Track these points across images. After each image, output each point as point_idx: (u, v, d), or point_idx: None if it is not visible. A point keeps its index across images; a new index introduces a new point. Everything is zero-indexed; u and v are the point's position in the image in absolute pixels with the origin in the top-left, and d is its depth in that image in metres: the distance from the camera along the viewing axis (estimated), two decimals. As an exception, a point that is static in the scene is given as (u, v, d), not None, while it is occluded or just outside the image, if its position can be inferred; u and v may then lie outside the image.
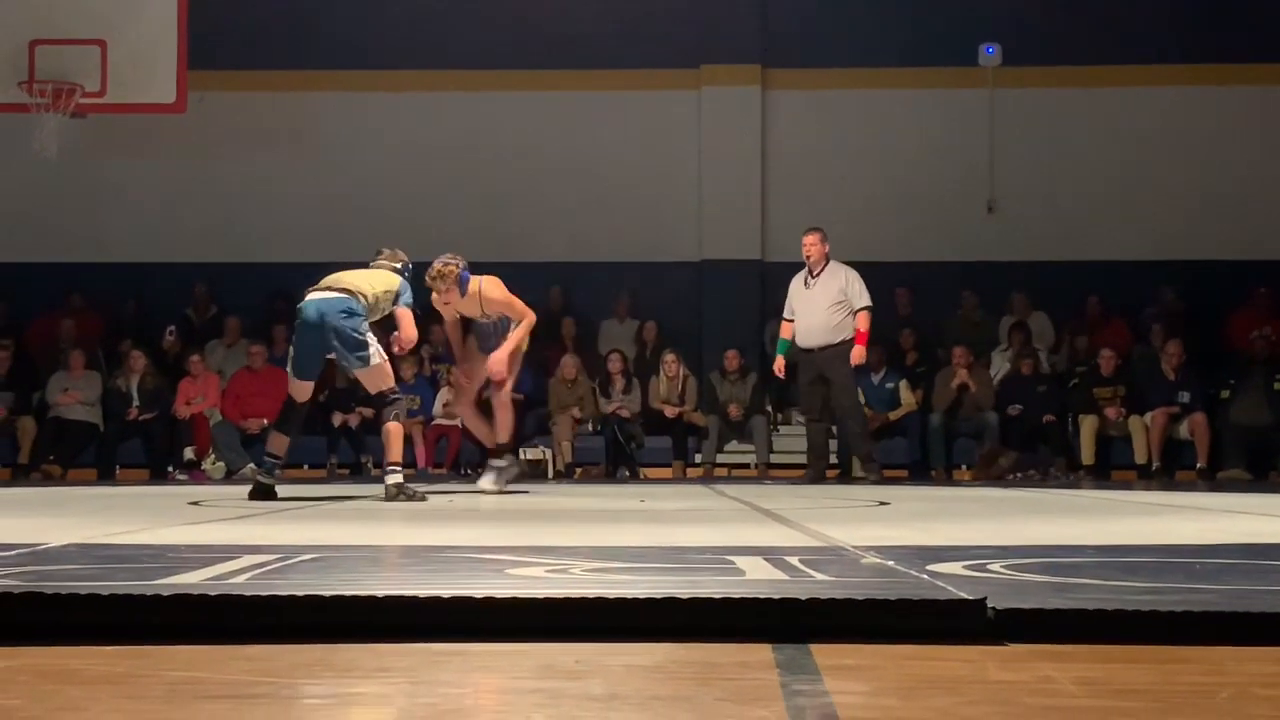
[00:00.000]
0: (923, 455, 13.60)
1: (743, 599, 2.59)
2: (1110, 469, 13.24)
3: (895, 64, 15.57)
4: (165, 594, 2.59)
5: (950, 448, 13.59)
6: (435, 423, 13.74)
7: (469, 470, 13.63)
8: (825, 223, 15.36)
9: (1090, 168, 15.52)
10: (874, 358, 14.12)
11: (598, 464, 13.86)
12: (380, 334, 7.80)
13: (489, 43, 15.67)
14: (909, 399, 13.83)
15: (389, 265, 8.07)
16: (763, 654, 2.31)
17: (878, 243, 15.28)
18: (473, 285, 8.54)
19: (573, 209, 15.65)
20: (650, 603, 2.59)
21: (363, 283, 7.66)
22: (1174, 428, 13.26)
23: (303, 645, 2.39)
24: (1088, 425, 13.36)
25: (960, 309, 15.01)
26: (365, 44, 15.67)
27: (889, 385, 13.93)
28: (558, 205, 15.66)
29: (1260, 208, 15.34)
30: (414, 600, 2.58)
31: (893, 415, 13.84)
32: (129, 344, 14.30)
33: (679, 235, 15.69)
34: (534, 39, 15.61)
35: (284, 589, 2.73)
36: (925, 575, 3.04)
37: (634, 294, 15.51)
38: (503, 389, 8.60)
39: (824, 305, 10.95)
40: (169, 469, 13.39)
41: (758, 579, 3.03)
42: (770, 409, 14.77)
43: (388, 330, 8.00)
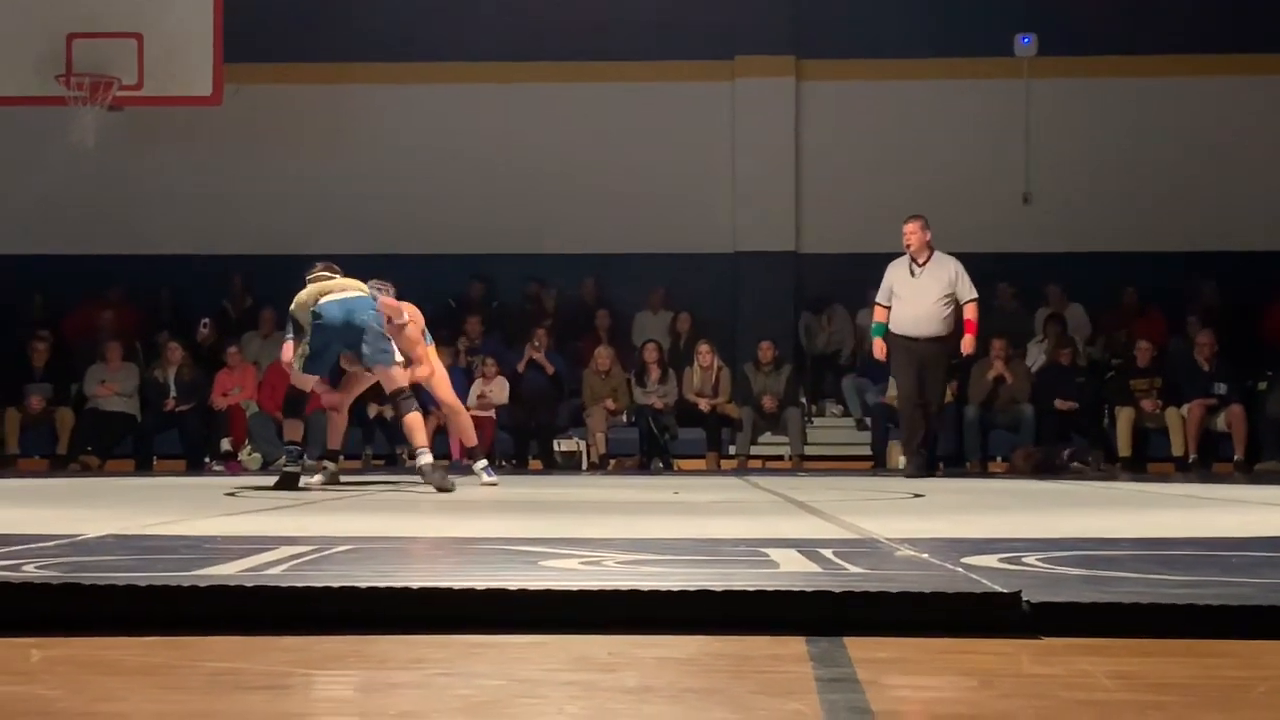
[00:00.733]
0: (958, 447, 13.55)
1: (776, 591, 2.59)
2: (1147, 461, 13.18)
3: (930, 55, 15.51)
4: (202, 585, 2.61)
5: (986, 440, 13.55)
6: (470, 411, 13.74)
7: (502, 461, 13.66)
8: (859, 214, 15.40)
9: (1127, 158, 15.43)
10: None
11: (632, 455, 13.87)
12: None
13: (523, 34, 15.68)
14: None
15: (334, 275, 8.06)
16: (796, 647, 2.31)
17: (912, 234, 15.22)
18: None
19: (607, 201, 15.65)
20: (684, 595, 2.59)
21: (360, 288, 7.88)
22: (1211, 420, 13.18)
23: (338, 636, 2.40)
24: (1124, 417, 13.29)
25: (996, 301, 14.95)
26: (399, 36, 15.69)
27: (924, 377, 13.88)
28: (592, 197, 15.66)
29: (1299, 198, 15.23)
30: (448, 592, 2.59)
31: (928, 407, 13.79)
32: (166, 336, 14.39)
33: (713, 227, 15.67)
34: (568, 31, 15.60)
35: (320, 580, 2.74)
36: (960, 568, 3.03)
37: (668, 285, 15.50)
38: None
39: (934, 296, 10.64)
40: (206, 460, 13.46)
41: (791, 571, 3.03)
42: (804, 400, 14.76)
43: None
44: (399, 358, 7.88)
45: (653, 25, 15.63)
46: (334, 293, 7.70)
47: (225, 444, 13.52)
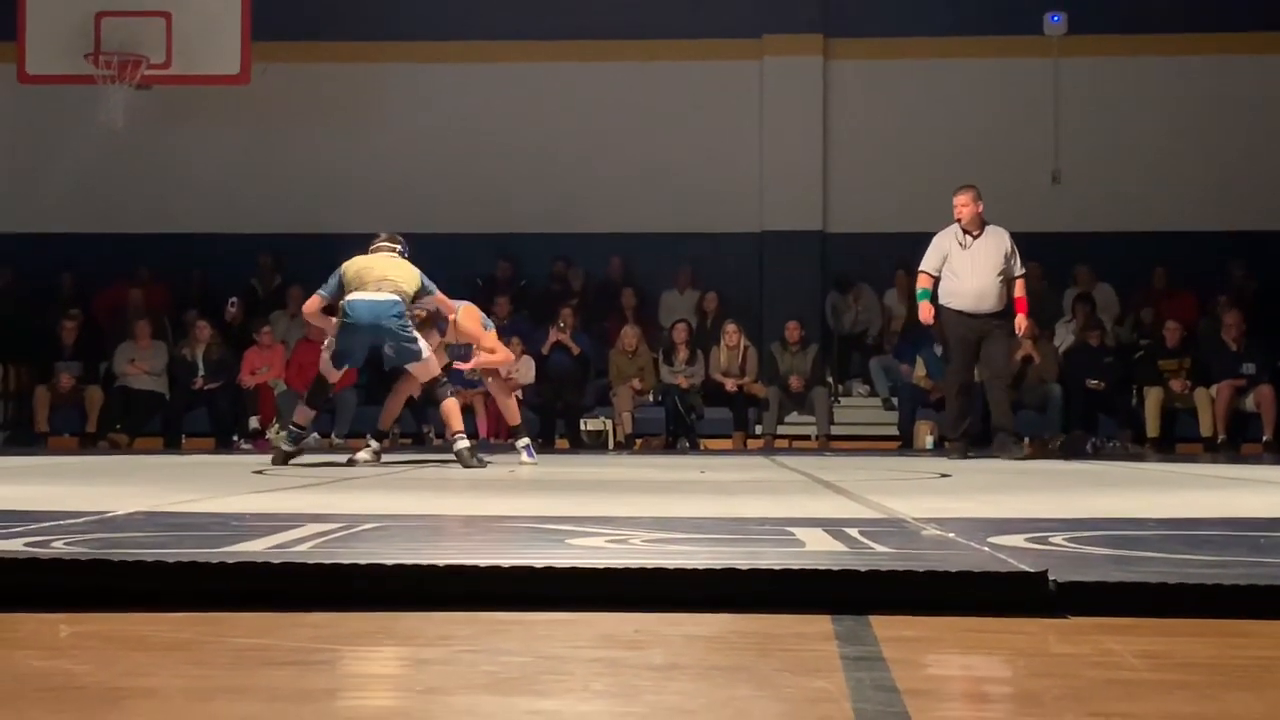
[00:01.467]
0: (984, 427, 13.50)
1: (802, 570, 2.59)
2: (1175, 442, 13.14)
3: (959, 33, 15.44)
4: (230, 562, 2.62)
5: (1014, 420, 13.48)
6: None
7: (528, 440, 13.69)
8: (886, 194, 15.36)
9: (1157, 138, 15.34)
10: (938, 329, 14.05)
11: (658, 435, 13.87)
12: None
13: (551, 13, 15.66)
14: (971, 371, 13.74)
15: (392, 249, 8.16)
16: (822, 625, 2.31)
17: (940, 214, 15.08)
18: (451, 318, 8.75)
19: (634, 180, 15.63)
20: (710, 573, 2.59)
21: (402, 281, 7.97)
22: (1240, 400, 13.13)
23: (365, 613, 2.42)
24: (1153, 398, 13.25)
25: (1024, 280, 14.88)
26: (427, 15, 15.69)
27: (951, 357, 13.85)
28: (619, 176, 15.65)
29: (1331, 178, 15.13)
30: (475, 569, 2.60)
31: (955, 387, 13.77)
32: (194, 314, 14.45)
33: (740, 206, 15.64)
34: (596, 10, 15.58)
35: (347, 557, 2.75)
36: (986, 548, 3.02)
37: (695, 265, 15.49)
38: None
39: (992, 269, 10.27)
40: (234, 438, 13.51)
41: (817, 550, 3.03)
42: (831, 380, 14.74)
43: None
44: (427, 351, 8.04)
45: (680, 4, 15.61)
46: (369, 288, 7.84)
47: (254, 422, 13.57)
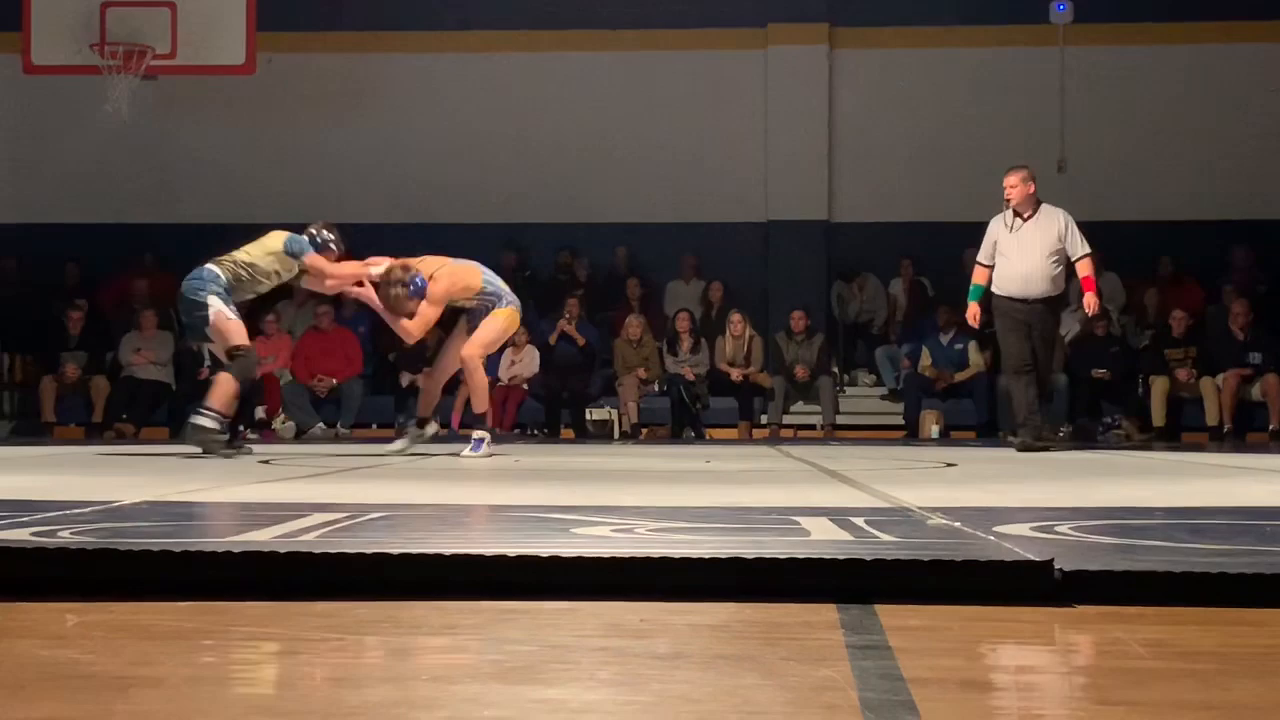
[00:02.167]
0: (990, 417, 13.52)
1: (807, 559, 2.59)
2: (1181, 431, 13.13)
3: (964, 22, 15.42)
4: (236, 551, 2.62)
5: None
6: (501, 385, 13.79)
7: (534, 430, 13.69)
8: (892, 183, 15.35)
9: (1162, 126, 15.31)
10: (943, 318, 14.06)
11: (663, 424, 13.88)
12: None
13: (556, 3, 15.64)
14: (977, 360, 13.75)
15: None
16: (827, 614, 2.31)
17: (945, 203, 15.17)
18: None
19: (638, 169, 15.63)
20: (715, 562, 2.59)
21: (242, 251, 8.67)
22: (1246, 389, 13.12)
23: (371, 602, 2.42)
24: (1159, 387, 13.24)
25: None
26: (431, 6, 15.68)
27: (958, 346, 13.88)
28: (624, 166, 15.64)
29: (1337, 166, 15.10)
30: (481, 558, 2.60)
31: (961, 376, 13.79)
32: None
33: (745, 195, 15.63)
34: (601, -1, 15.59)
35: (353, 546, 2.75)
36: (992, 537, 3.02)
37: (700, 254, 15.49)
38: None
39: (1043, 251, 9.61)
40: (240, 428, 13.50)
41: (823, 539, 3.03)
42: (836, 370, 14.74)
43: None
44: (214, 316, 8.27)
45: (686, -7, 15.59)
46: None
47: (259, 412, 13.57)
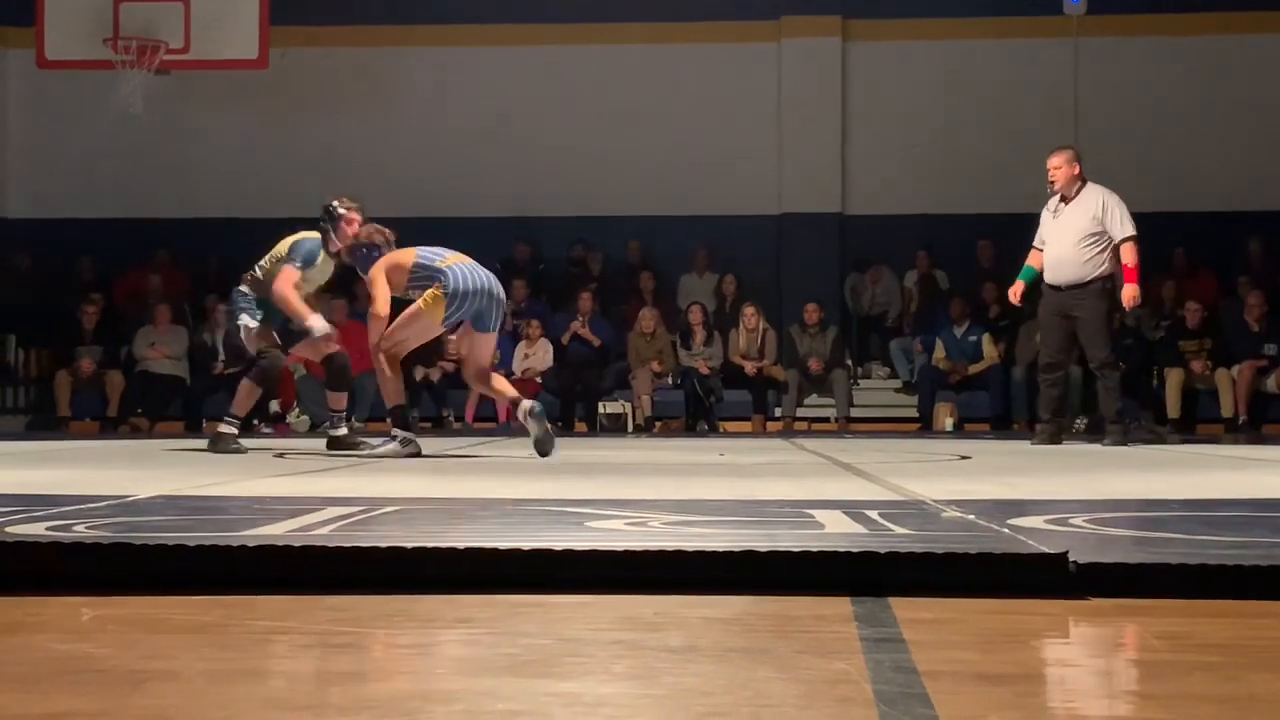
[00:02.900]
0: (1005, 409, 13.51)
1: (821, 552, 2.59)
2: (1196, 423, 13.10)
3: (978, 14, 15.39)
4: (251, 545, 2.63)
5: (1033, 401, 13.46)
6: (514, 378, 13.80)
7: (549, 425, 13.68)
8: (905, 176, 15.32)
9: (1177, 118, 15.27)
10: (957, 310, 14.04)
11: (677, 417, 13.88)
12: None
13: (568, -3, 15.66)
14: (991, 352, 13.74)
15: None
16: (841, 607, 2.31)
17: (959, 195, 15.16)
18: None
19: (652, 162, 15.62)
20: (729, 555, 2.59)
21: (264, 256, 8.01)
22: (1261, 381, 13.09)
23: (385, 596, 2.42)
24: (1173, 379, 13.21)
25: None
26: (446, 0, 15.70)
27: (972, 338, 13.87)
28: (637, 159, 15.64)
29: (1353, 157, 15.05)
30: (495, 552, 2.60)
31: (975, 368, 13.77)
32: (214, 299, 14.46)
33: (759, 188, 15.62)
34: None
35: (367, 540, 2.76)
36: (1006, 529, 3.02)
37: (713, 247, 15.48)
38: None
39: (1074, 235, 9.14)
40: (254, 422, 13.54)
41: (837, 533, 3.03)
42: (850, 363, 14.73)
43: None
44: (248, 327, 7.70)
45: (698, -14, 15.58)
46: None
47: (274, 406, 13.60)
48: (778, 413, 13.99)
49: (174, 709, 1.67)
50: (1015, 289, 9.58)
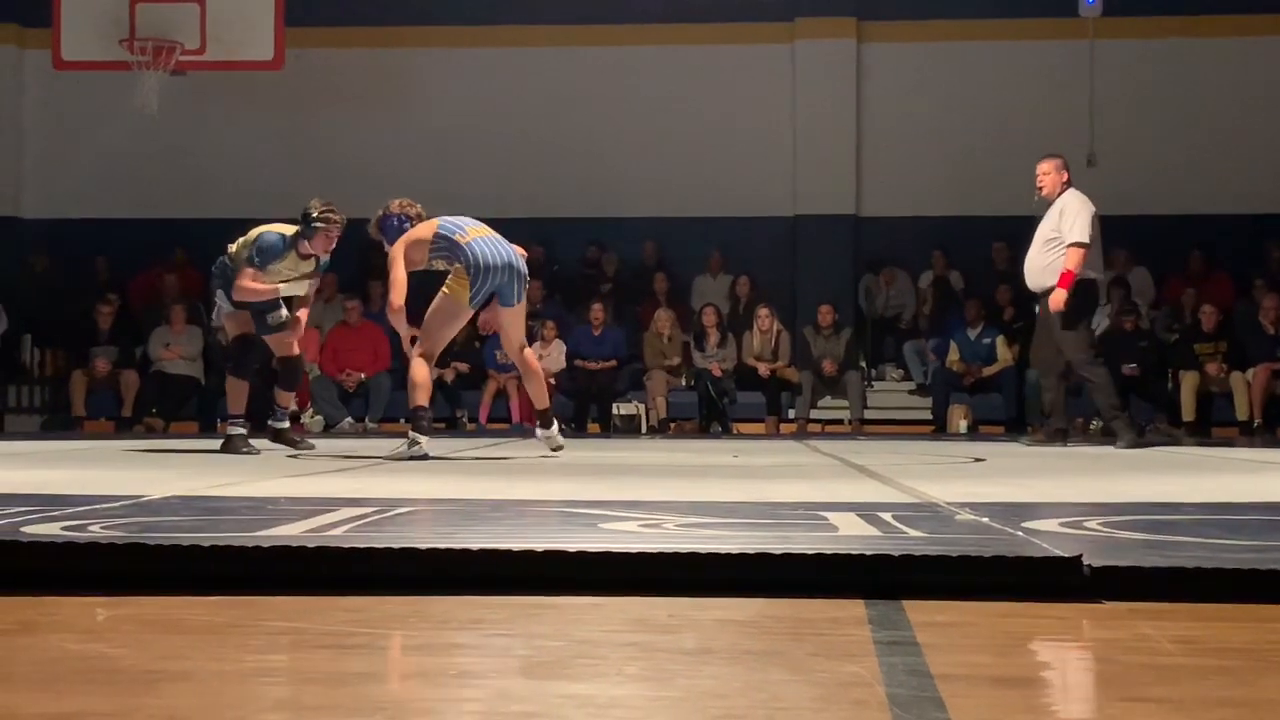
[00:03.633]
0: (1019, 411, 13.48)
1: (835, 555, 2.59)
2: (1211, 426, 13.07)
3: (993, 15, 15.37)
4: (265, 545, 2.63)
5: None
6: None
7: (561, 425, 13.68)
8: (920, 178, 15.30)
9: (1193, 120, 15.24)
10: (971, 312, 14.02)
11: (690, 419, 13.87)
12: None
13: (583, -2, 15.67)
14: (1006, 354, 13.72)
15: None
16: (855, 610, 2.31)
17: (974, 197, 15.14)
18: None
19: (666, 164, 15.62)
20: (743, 558, 2.59)
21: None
22: (1277, 384, 13.06)
23: (399, 597, 2.42)
24: (1189, 381, 13.18)
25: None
26: (459, 1, 15.70)
27: (986, 341, 13.85)
28: (651, 160, 15.64)
29: (1369, 160, 15.00)
30: (508, 553, 2.61)
31: (989, 370, 13.76)
32: (229, 299, 14.49)
33: (773, 190, 15.61)
34: (628, -7, 15.58)
35: (381, 541, 2.76)
36: (1020, 532, 3.01)
37: (727, 249, 15.47)
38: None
39: (1038, 241, 9.39)
40: (268, 423, 13.56)
41: (851, 535, 3.02)
42: (864, 364, 14.71)
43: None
44: (279, 320, 8.07)
45: (713, -13, 15.57)
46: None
47: (292, 405, 13.61)
48: (791, 414, 13.98)
49: (188, 709, 1.67)
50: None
